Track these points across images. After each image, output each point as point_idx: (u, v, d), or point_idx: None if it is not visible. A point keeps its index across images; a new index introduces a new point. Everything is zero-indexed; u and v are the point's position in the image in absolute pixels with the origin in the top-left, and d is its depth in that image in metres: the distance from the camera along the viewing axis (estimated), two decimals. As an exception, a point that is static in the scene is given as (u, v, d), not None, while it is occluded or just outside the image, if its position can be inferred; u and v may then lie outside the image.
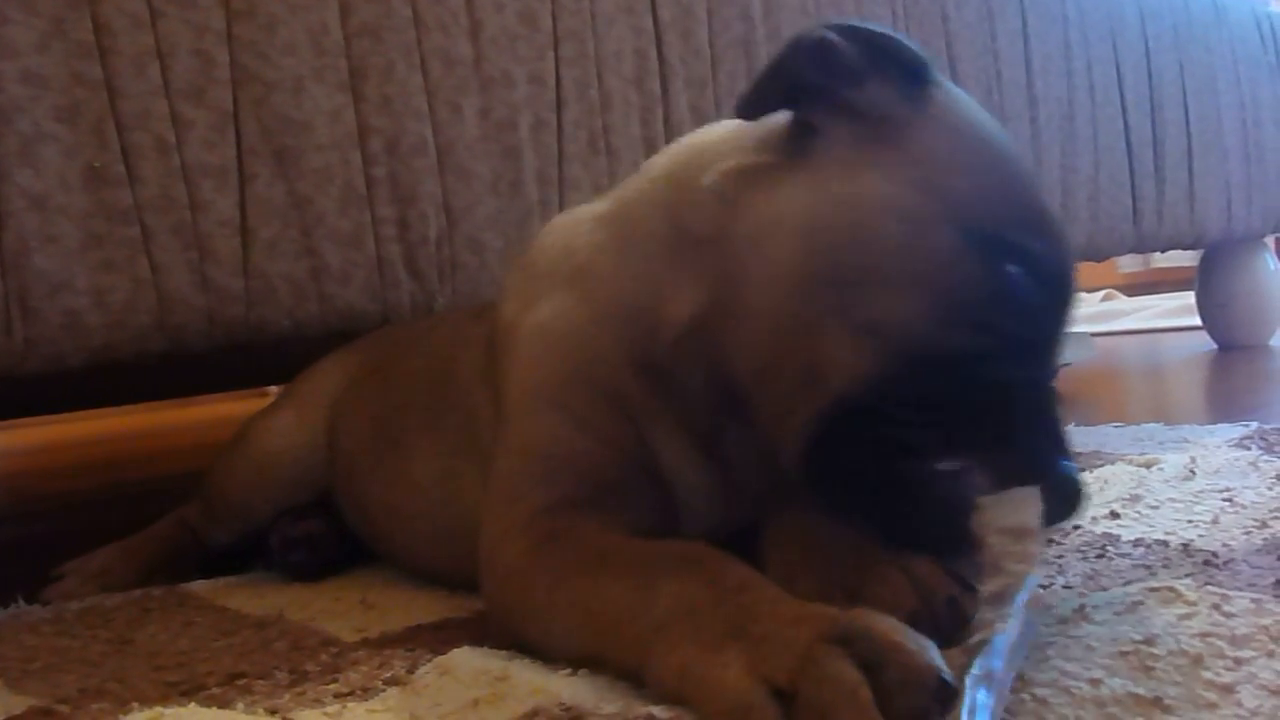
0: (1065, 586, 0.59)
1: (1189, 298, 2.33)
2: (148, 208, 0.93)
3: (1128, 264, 4.07)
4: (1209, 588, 0.52)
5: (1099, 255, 1.77)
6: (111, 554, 0.94)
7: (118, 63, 0.92)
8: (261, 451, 0.92)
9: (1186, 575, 0.58)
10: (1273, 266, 2.13)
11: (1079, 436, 1.16)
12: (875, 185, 0.57)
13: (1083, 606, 0.52)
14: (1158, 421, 1.21)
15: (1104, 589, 0.57)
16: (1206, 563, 0.60)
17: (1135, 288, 4.00)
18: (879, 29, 0.62)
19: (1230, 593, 0.51)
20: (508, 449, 0.65)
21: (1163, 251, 1.97)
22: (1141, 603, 0.52)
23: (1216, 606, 0.49)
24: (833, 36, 0.60)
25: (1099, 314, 3.28)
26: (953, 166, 0.58)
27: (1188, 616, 0.49)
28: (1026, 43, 1.63)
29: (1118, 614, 0.51)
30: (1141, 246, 1.84)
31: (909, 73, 0.60)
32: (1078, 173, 1.69)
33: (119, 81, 0.92)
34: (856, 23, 0.62)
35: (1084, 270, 2.68)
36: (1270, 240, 2.17)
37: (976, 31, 1.57)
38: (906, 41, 0.62)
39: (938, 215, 0.56)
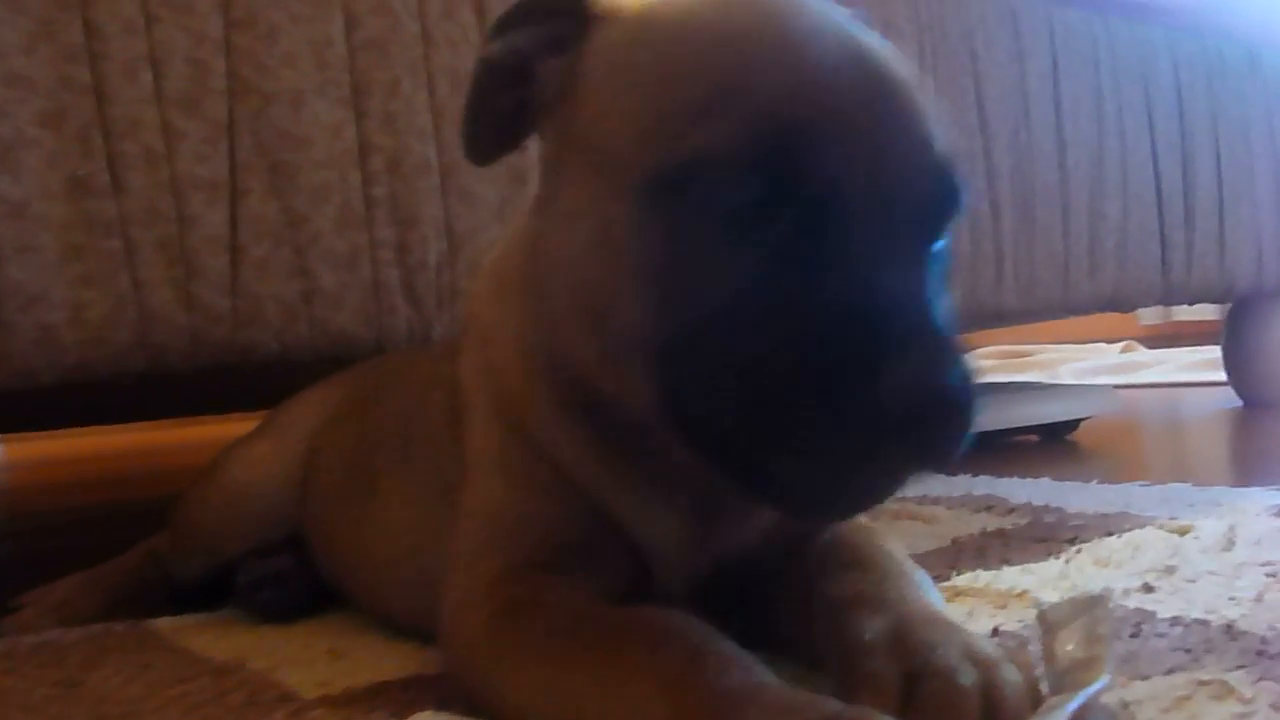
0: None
1: (1211, 352, 2.28)
2: (132, 220, 0.88)
3: (1149, 315, 4.01)
4: (1265, 682, 0.47)
5: (1126, 306, 1.72)
6: (74, 585, 0.89)
7: (108, 68, 0.88)
8: (234, 482, 0.87)
9: (1238, 666, 0.52)
10: (1302, 322, 2.07)
11: (1104, 494, 1.11)
12: (559, 193, 0.53)
13: (1125, 703, 0.46)
14: (1185, 481, 1.15)
15: (1144, 677, 0.51)
16: (1259, 652, 0.54)
17: (1156, 340, 3.94)
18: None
19: (1290, 690, 0.46)
20: (467, 511, 0.60)
21: (1190, 304, 1.92)
22: (1189, 698, 0.46)
23: (1276, 707, 0.44)
24: (486, 53, 0.55)
25: (1119, 365, 3.22)
26: (606, 121, 0.50)
27: (1244, 717, 0.43)
28: (1056, 85, 1.59)
29: (1164, 711, 0.45)
30: (1170, 298, 1.78)
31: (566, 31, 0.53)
32: (1106, 219, 1.64)
33: (109, 88, 0.88)
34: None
35: (1105, 321, 2.62)
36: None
37: (1006, 71, 1.53)
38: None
39: (606, 192, 0.49)
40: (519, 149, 0.58)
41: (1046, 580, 0.74)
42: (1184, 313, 3.73)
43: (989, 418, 1.57)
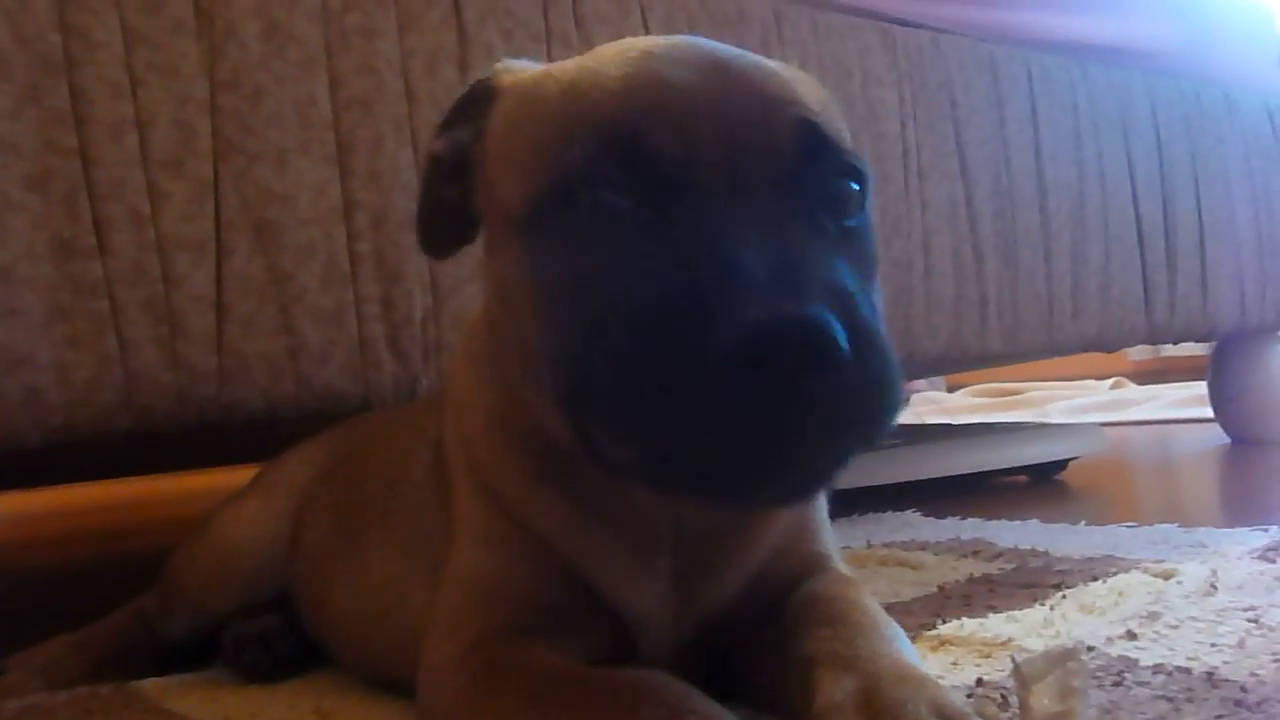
0: (1081, 723, 0.54)
1: (1199, 388, 2.28)
2: (118, 281, 0.89)
3: (1137, 352, 4.03)
4: (1242, 734, 0.47)
5: (1110, 346, 1.73)
6: (60, 647, 0.89)
7: (94, 131, 0.89)
8: (223, 540, 0.87)
9: (1216, 717, 0.52)
10: (1287, 360, 2.08)
11: (1091, 537, 1.11)
12: (488, 259, 0.57)
13: (1102, 757, 0.46)
14: (1172, 521, 1.16)
15: (1124, 729, 0.51)
16: (1238, 702, 0.55)
17: (1144, 375, 3.96)
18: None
19: (1267, 742, 0.46)
20: (449, 575, 0.61)
21: (1174, 344, 1.93)
22: (1167, 751, 0.46)
23: (1252, 760, 0.44)
24: (430, 150, 0.61)
25: (1108, 403, 3.23)
26: (502, 178, 0.55)
27: (1220, 771, 0.44)
28: (1036, 129, 1.61)
29: (1141, 765, 0.45)
30: (1154, 338, 1.80)
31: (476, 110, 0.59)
32: (1088, 262, 1.65)
33: (94, 150, 0.89)
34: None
35: (1094, 358, 2.63)
36: (1284, 333, 2.13)
37: (985, 117, 1.55)
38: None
39: (505, 240, 0.53)
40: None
41: (1031, 628, 0.75)
42: (1173, 348, 3.75)
43: (978, 459, 1.57)
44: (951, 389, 4.33)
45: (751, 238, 0.44)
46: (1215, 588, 0.80)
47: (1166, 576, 0.85)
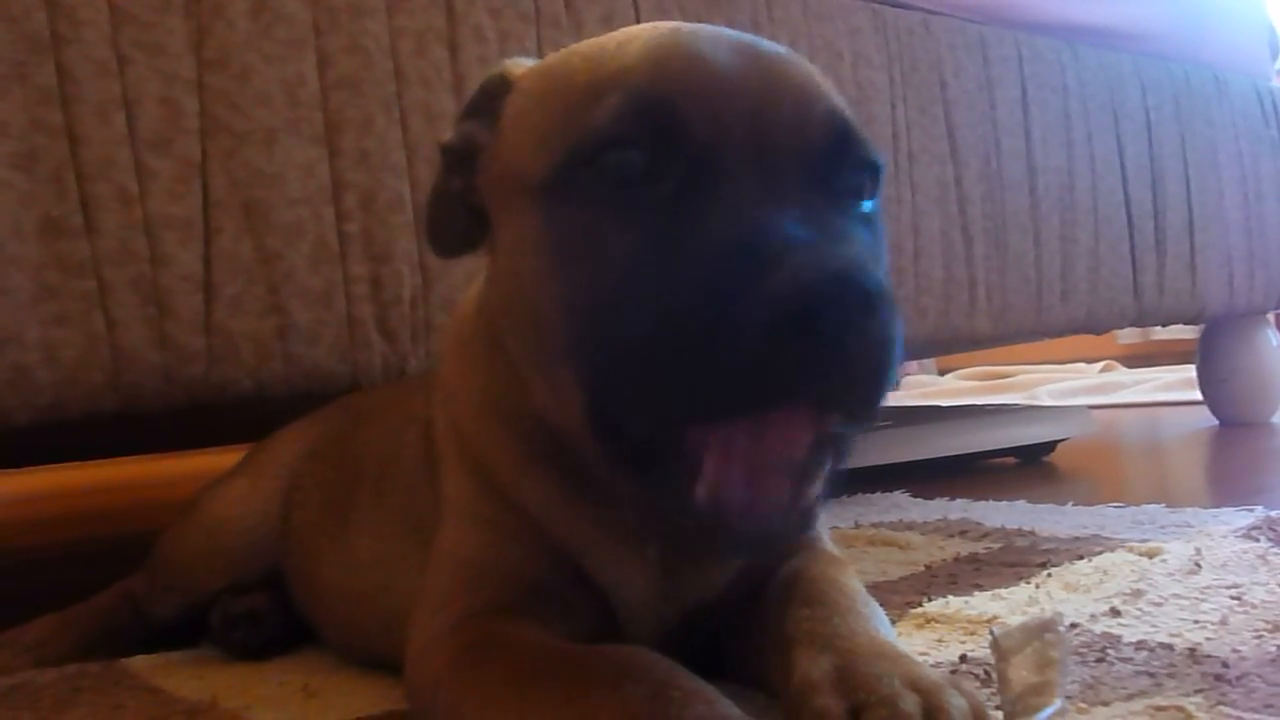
0: (1064, 697, 0.54)
1: (1189, 371, 2.29)
2: (106, 260, 0.89)
3: (1127, 335, 4.04)
4: (1222, 708, 0.47)
5: (1099, 328, 1.74)
6: (48, 626, 0.89)
7: (81, 110, 0.88)
8: (212, 519, 0.87)
9: (1196, 691, 0.53)
10: (1274, 342, 2.09)
11: (1077, 517, 1.12)
12: (496, 237, 0.56)
13: (1081, 730, 0.47)
14: (1159, 502, 1.16)
15: (1105, 703, 0.52)
16: (1218, 676, 0.55)
17: (1134, 359, 3.97)
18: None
19: (1245, 715, 0.46)
20: (438, 553, 0.61)
21: (1163, 326, 1.94)
22: (1147, 724, 0.47)
23: (1230, 732, 0.45)
24: (444, 142, 0.61)
25: (1098, 386, 3.24)
26: (517, 150, 0.54)
27: (1198, 743, 0.44)
28: (1026, 112, 1.61)
29: (1120, 738, 0.46)
30: (1142, 320, 1.80)
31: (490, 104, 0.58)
32: (1077, 244, 1.65)
33: (81, 129, 0.88)
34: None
35: (1084, 341, 2.64)
36: (1272, 316, 2.14)
37: (975, 99, 1.55)
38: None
39: (521, 207, 0.52)
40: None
41: (1016, 606, 0.75)
42: (1162, 331, 3.76)
43: (967, 440, 1.57)
44: (942, 372, 4.35)
45: (782, 210, 0.45)
46: (1199, 566, 0.81)
47: (1151, 555, 0.86)
